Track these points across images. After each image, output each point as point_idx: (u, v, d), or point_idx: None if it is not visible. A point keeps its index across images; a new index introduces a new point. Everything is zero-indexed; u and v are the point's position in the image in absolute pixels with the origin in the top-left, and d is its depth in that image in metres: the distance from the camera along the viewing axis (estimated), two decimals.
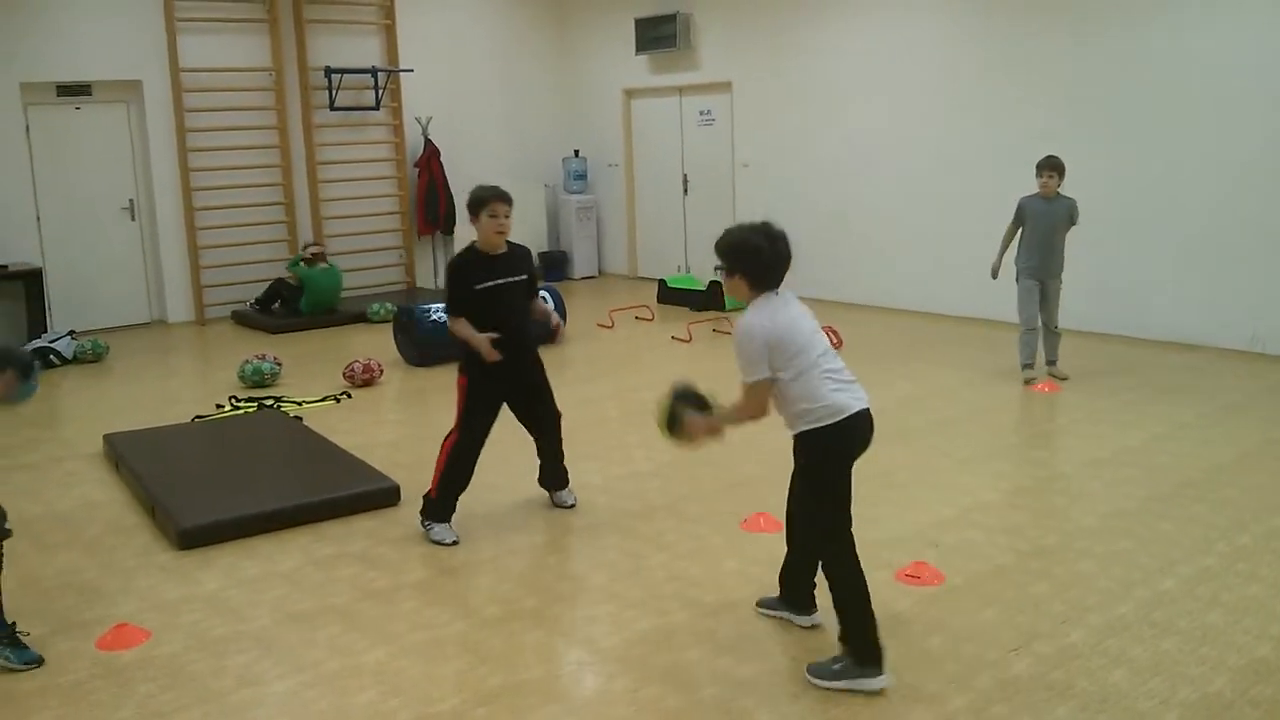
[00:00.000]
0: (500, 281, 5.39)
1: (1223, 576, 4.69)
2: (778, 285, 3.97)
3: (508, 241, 5.44)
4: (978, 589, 4.63)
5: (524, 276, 5.51)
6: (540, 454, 5.86)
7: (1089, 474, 6.09)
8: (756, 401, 3.94)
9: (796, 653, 4.15)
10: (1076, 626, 4.27)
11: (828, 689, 3.85)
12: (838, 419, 3.84)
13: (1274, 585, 4.58)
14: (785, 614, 4.40)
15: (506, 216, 5.34)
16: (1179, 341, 9.03)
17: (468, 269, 5.37)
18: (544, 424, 5.77)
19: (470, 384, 5.44)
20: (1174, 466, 6.13)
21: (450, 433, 5.52)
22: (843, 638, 3.91)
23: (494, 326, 5.32)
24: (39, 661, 4.26)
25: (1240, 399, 7.44)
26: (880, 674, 3.83)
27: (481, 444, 5.52)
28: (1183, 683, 3.82)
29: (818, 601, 4.31)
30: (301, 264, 11.40)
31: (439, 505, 5.50)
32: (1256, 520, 5.30)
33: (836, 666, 3.89)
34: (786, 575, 4.39)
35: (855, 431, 3.90)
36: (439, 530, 5.48)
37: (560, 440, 5.84)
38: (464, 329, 5.33)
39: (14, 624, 4.29)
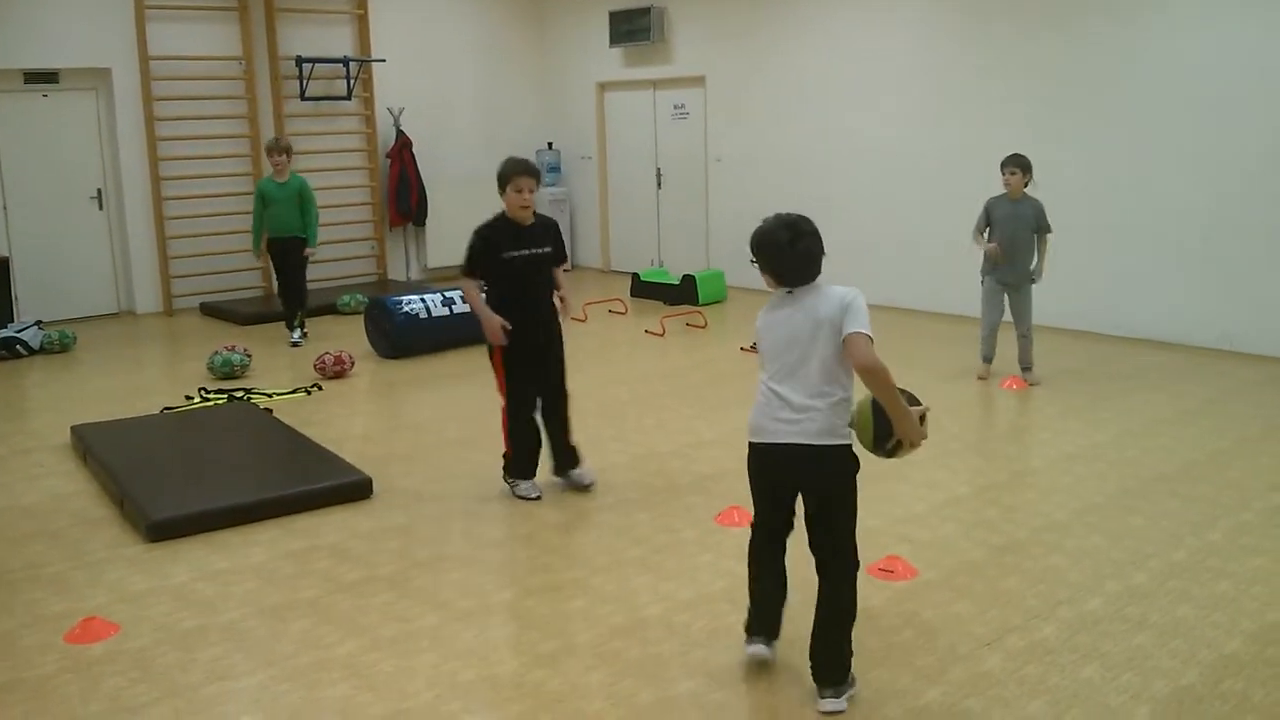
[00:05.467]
0: (526, 252, 5.68)
1: (1193, 571, 4.72)
2: (791, 284, 3.78)
3: (535, 214, 5.75)
4: (950, 583, 4.65)
5: (548, 249, 5.77)
6: (547, 432, 5.93)
7: (1060, 469, 6.12)
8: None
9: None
10: (1048, 621, 4.29)
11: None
12: (749, 439, 3.85)
13: (1243, 580, 4.62)
14: None
15: (531, 191, 5.63)
16: (1151, 339, 9.10)
17: (493, 236, 5.64)
18: (550, 393, 5.92)
19: (503, 351, 5.67)
20: (1145, 462, 6.18)
21: (503, 401, 5.82)
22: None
23: (515, 295, 5.65)
24: None
25: (1211, 396, 7.50)
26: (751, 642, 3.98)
27: (532, 402, 5.83)
28: (1155, 676, 3.84)
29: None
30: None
31: (517, 464, 5.87)
32: (1227, 515, 5.34)
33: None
34: None
35: (758, 460, 3.84)
36: (524, 487, 5.86)
37: (566, 413, 5.97)
38: (472, 294, 5.67)
39: None
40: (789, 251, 3.73)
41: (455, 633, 4.33)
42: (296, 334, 9.98)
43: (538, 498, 5.83)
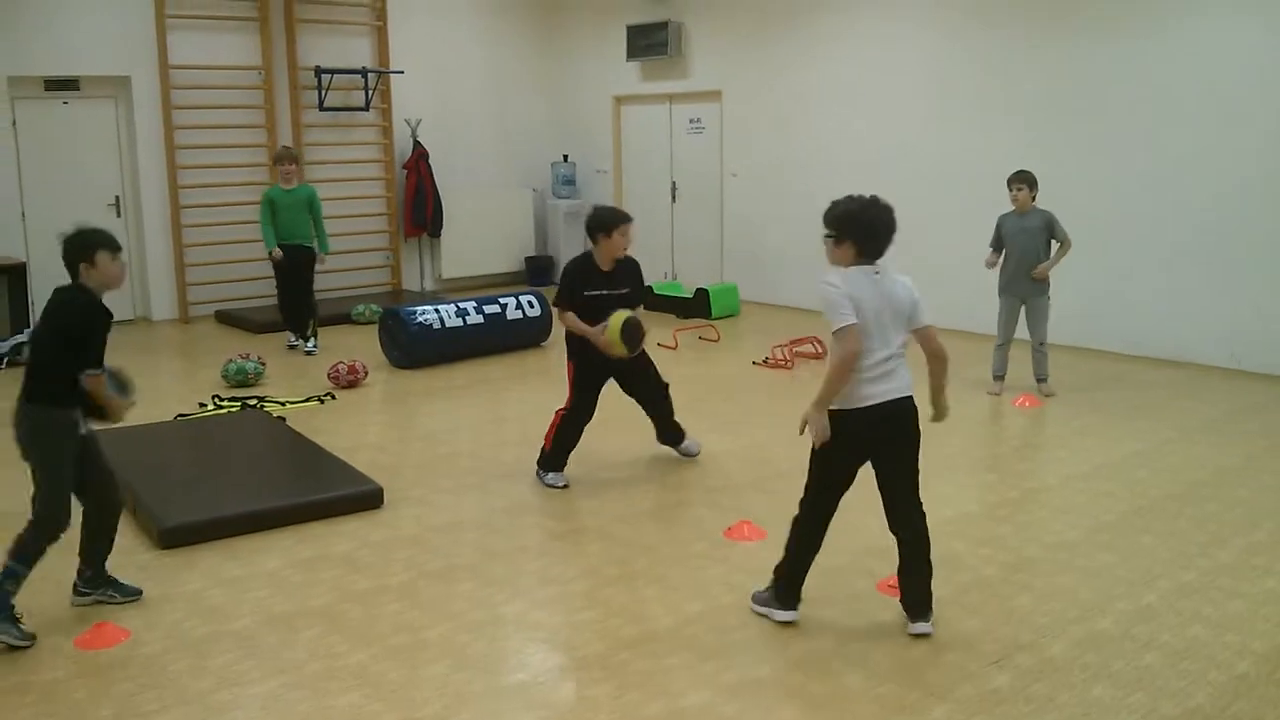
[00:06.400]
0: (604, 293, 6.26)
1: (1204, 591, 4.71)
2: (873, 258, 4.28)
3: (616, 260, 6.30)
4: (960, 600, 4.64)
5: (625, 290, 6.35)
6: (653, 420, 6.68)
7: (1071, 487, 6.11)
8: (849, 344, 4.14)
9: (780, 661, 4.15)
10: (1058, 639, 4.28)
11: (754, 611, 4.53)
12: (850, 407, 4.20)
13: (1255, 601, 4.61)
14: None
15: (625, 235, 6.25)
16: (1161, 357, 9.07)
17: (578, 274, 6.27)
18: (647, 396, 6.61)
19: (577, 367, 6.31)
20: (1155, 481, 6.16)
21: (563, 405, 6.37)
22: (776, 570, 4.50)
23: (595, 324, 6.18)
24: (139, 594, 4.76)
25: (1221, 415, 7.48)
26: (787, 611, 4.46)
27: (588, 415, 6.38)
28: (1164, 697, 3.83)
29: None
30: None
31: (552, 458, 6.36)
32: (1237, 535, 5.33)
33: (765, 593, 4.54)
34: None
35: (862, 422, 4.20)
36: (552, 477, 6.35)
37: (669, 407, 6.67)
38: (576, 322, 6.15)
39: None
40: (884, 233, 4.26)
41: (465, 643, 4.34)
42: (311, 343, 10.03)
43: (564, 486, 6.27)
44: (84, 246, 4.40)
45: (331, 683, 4.04)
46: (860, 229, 4.23)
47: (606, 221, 6.20)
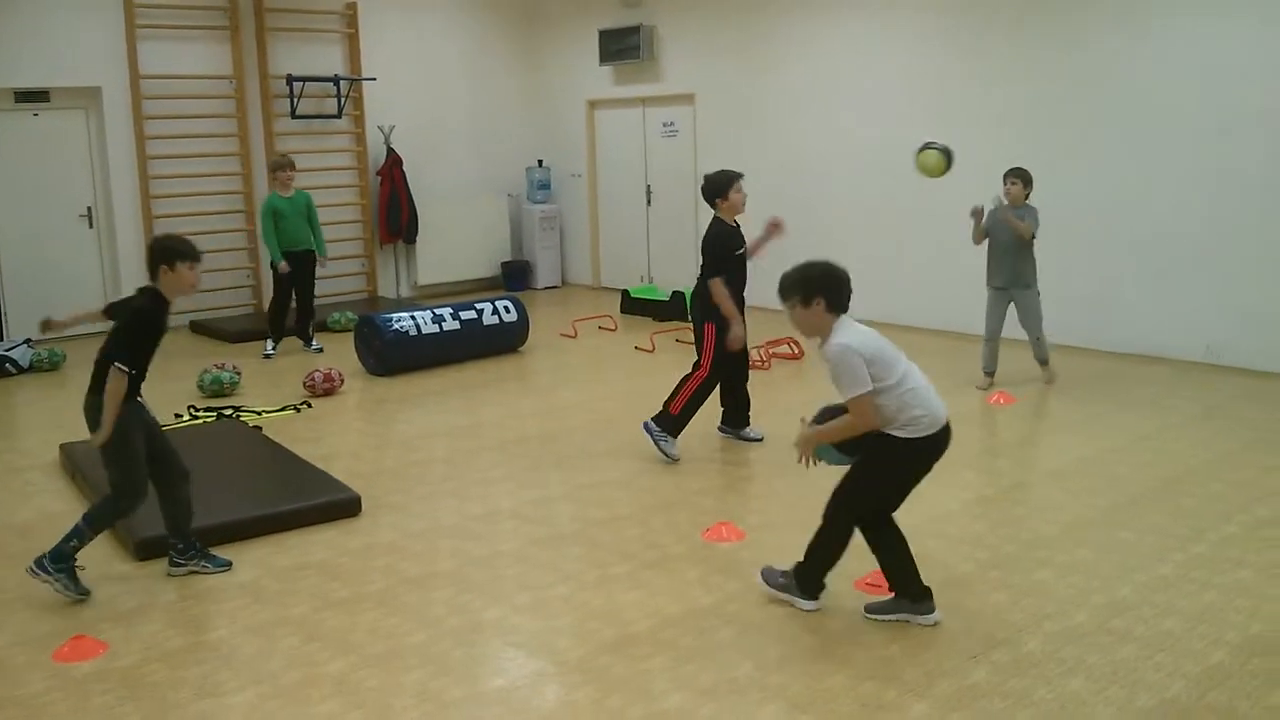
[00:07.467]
0: (744, 249, 6.70)
1: (1179, 584, 4.75)
2: (846, 310, 4.31)
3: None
4: (937, 597, 4.64)
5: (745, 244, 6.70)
6: (730, 395, 6.97)
7: (1049, 484, 6.15)
8: (867, 413, 4.20)
9: (759, 662, 4.16)
10: (1034, 635, 4.31)
11: (774, 595, 4.66)
12: (926, 433, 4.28)
13: (1228, 592, 4.65)
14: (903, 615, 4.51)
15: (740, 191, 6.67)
16: (1137, 353, 9.13)
17: (727, 237, 6.59)
18: (746, 369, 6.99)
19: (718, 333, 6.54)
20: (1132, 476, 6.21)
21: (696, 371, 6.65)
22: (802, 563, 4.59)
23: (737, 287, 6.60)
24: (229, 565, 5.16)
25: (1197, 410, 7.54)
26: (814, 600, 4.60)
27: (717, 384, 6.70)
28: (1140, 689, 3.86)
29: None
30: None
31: (678, 422, 6.61)
32: (1212, 529, 5.37)
33: (783, 580, 4.65)
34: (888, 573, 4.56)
35: (936, 444, 4.35)
36: (672, 445, 6.62)
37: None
38: (726, 298, 6.47)
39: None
40: (848, 288, 4.30)
41: (443, 650, 4.34)
42: (315, 342, 10.44)
43: (677, 459, 6.60)
44: (166, 252, 4.84)
45: (310, 691, 4.02)
46: (828, 285, 4.26)
47: (727, 182, 6.61)
